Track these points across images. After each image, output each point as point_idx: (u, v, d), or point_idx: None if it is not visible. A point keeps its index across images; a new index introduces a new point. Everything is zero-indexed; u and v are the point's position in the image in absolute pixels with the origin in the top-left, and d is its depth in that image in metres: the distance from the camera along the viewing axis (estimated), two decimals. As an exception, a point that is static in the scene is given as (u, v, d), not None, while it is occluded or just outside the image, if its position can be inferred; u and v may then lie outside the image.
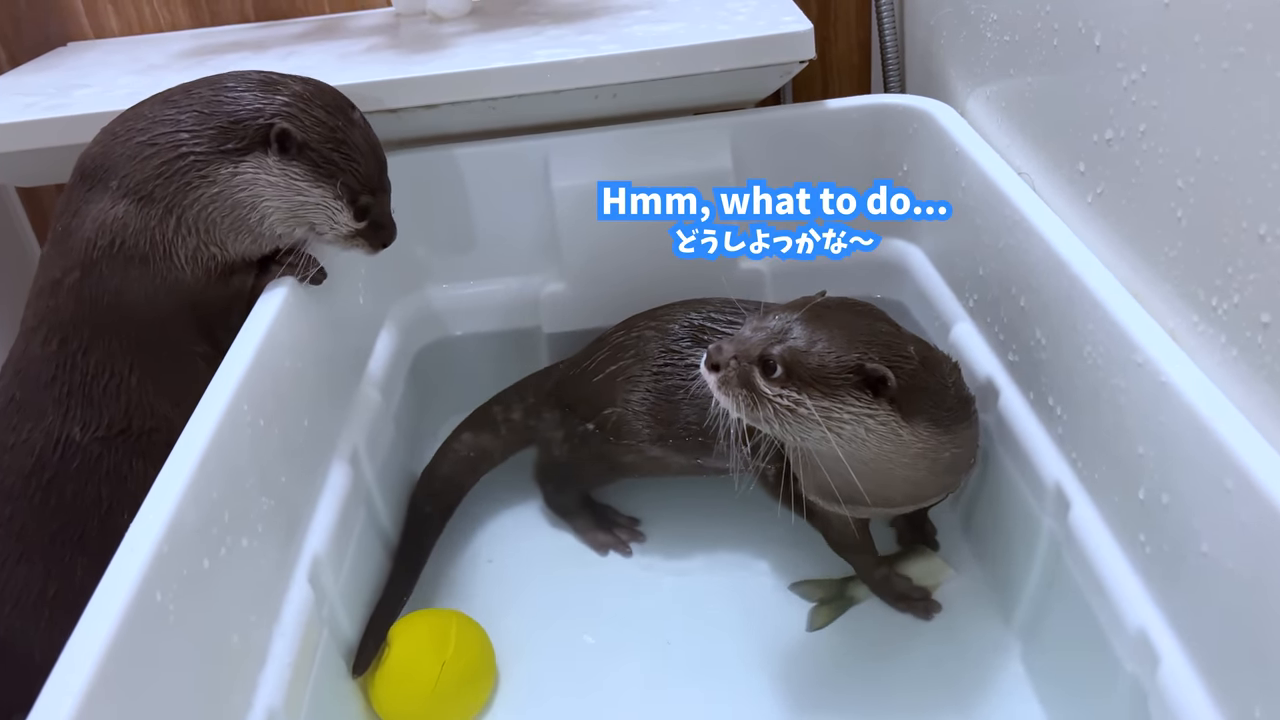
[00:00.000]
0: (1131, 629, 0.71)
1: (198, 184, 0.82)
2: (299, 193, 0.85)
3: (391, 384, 1.10)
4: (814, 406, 0.77)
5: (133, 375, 0.84)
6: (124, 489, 0.85)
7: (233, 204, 0.83)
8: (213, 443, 0.70)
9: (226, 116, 0.82)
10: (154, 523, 0.63)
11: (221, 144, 0.82)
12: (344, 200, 0.86)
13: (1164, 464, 0.67)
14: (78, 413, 0.84)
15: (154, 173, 0.82)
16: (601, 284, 1.17)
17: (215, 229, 0.84)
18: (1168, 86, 0.68)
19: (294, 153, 0.83)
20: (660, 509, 1.10)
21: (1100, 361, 0.75)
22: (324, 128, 0.84)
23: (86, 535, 0.84)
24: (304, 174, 0.84)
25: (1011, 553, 0.92)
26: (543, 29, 1.17)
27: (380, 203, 0.89)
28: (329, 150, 0.84)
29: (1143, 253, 0.74)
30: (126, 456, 0.85)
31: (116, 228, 0.82)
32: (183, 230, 0.83)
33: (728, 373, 0.79)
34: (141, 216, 0.82)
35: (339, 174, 0.85)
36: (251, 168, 0.82)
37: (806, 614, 0.97)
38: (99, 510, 0.84)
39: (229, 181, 0.83)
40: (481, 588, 1.03)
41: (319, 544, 0.85)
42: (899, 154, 1.13)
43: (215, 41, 1.31)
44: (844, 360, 0.77)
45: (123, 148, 0.83)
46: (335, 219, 0.86)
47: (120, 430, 0.85)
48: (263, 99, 0.83)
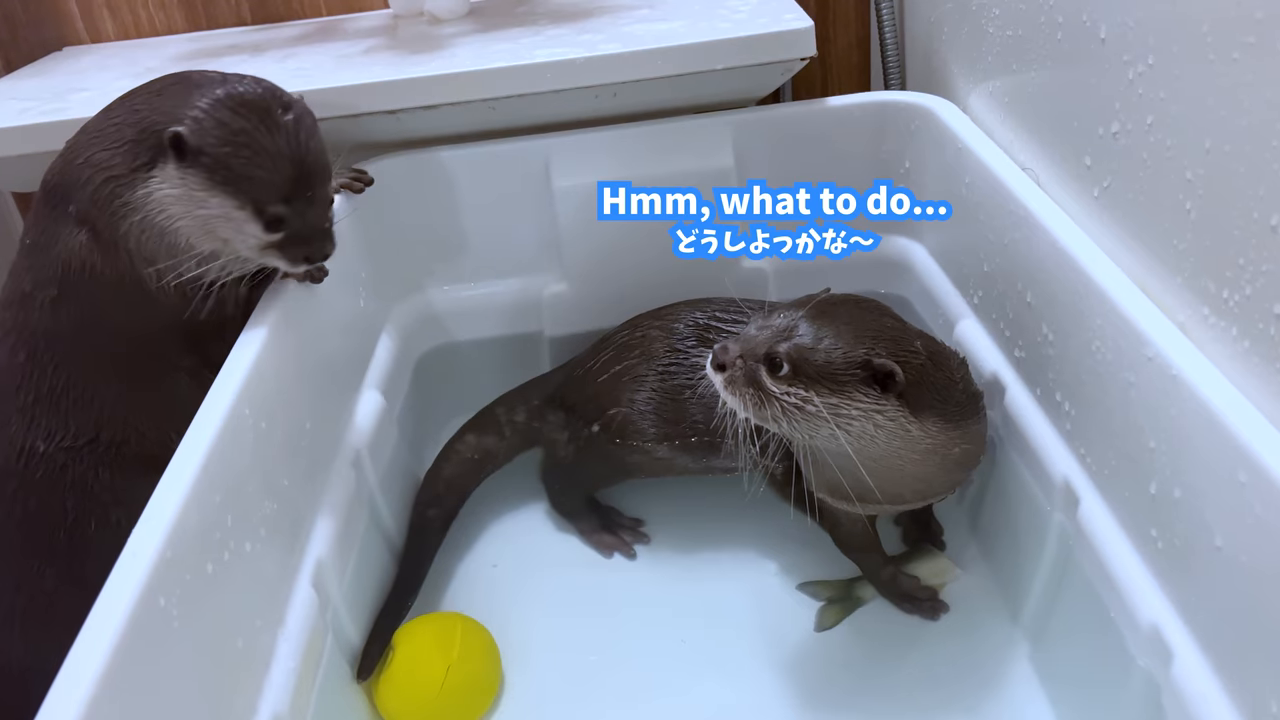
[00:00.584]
0: (1144, 624, 0.70)
1: (122, 213, 0.76)
2: (198, 204, 0.75)
3: (394, 387, 1.10)
4: (821, 403, 0.76)
5: (108, 389, 0.81)
6: (92, 500, 0.82)
7: (158, 230, 0.76)
8: (215, 446, 0.70)
9: (139, 128, 0.75)
10: (157, 527, 0.62)
11: (133, 160, 0.75)
12: (249, 210, 0.76)
13: (1176, 458, 0.67)
14: (43, 422, 0.81)
15: (89, 201, 0.76)
16: (604, 285, 1.16)
17: (156, 254, 0.77)
18: (1176, 78, 0.68)
19: (190, 160, 0.74)
20: (664, 510, 1.09)
21: (1109, 356, 0.74)
22: (224, 130, 0.74)
23: (55, 546, 0.82)
24: (200, 182, 0.75)
25: (1019, 550, 0.91)
26: (542, 29, 1.17)
27: (300, 214, 0.78)
28: (227, 155, 0.74)
29: (1151, 246, 0.74)
30: (93, 467, 0.82)
31: (84, 254, 0.77)
32: (136, 261, 0.77)
33: (734, 372, 0.78)
34: (100, 246, 0.77)
35: (238, 181, 0.75)
36: (158, 182, 0.75)
37: (814, 614, 0.96)
38: (65, 521, 0.82)
39: (143, 203, 0.76)
40: (486, 591, 1.02)
41: (323, 548, 0.84)
42: (901, 151, 1.13)
43: (212, 45, 1.30)
44: (851, 356, 0.77)
45: (72, 170, 0.77)
46: (242, 231, 0.77)
47: (88, 441, 0.82)
48: (180, 103, 0.74)
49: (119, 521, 0.81)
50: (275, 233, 0.77)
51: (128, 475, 0.83)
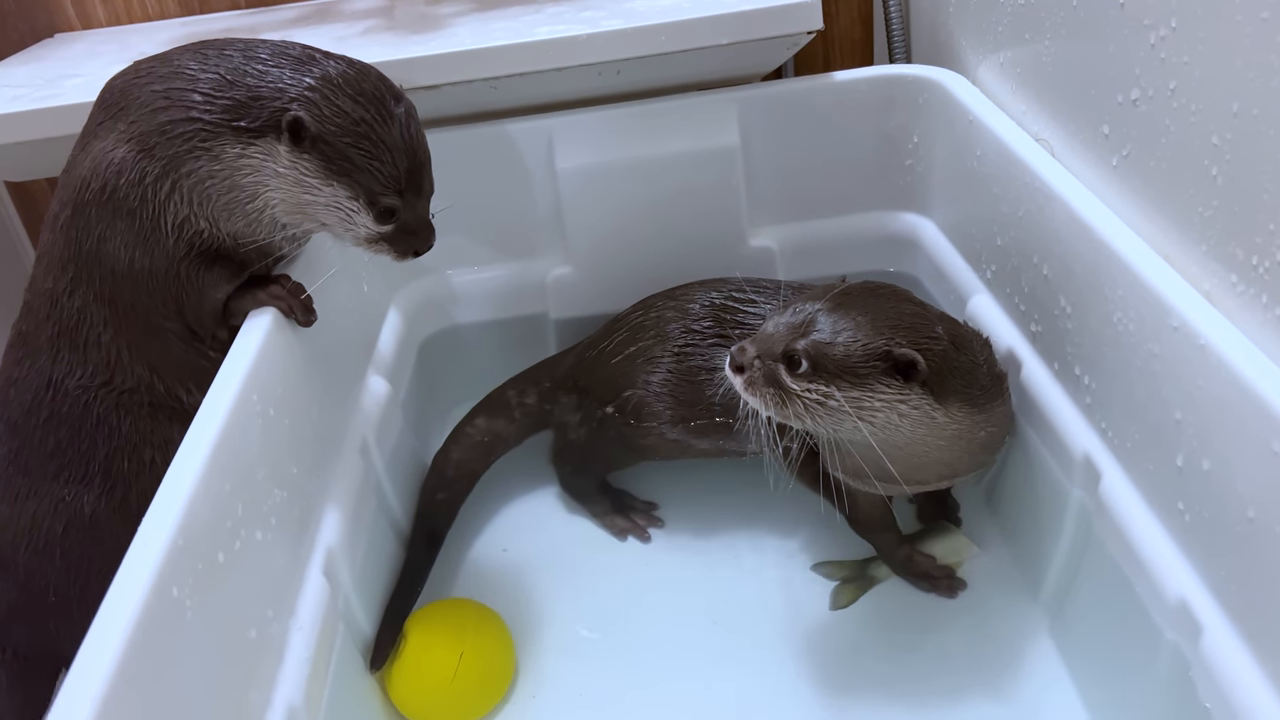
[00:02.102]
0: (1171, 599, 0.69)
1: (199, 154, 0.74)
2: (307, 190, 0.75)
3: (398, 372, 1.08)
4: (844, 398, 0.75)
5: (107, 330, 0.80)
6: (120, 438, 0.83)
7: (231, 185, 0.76)
8: (223, 434, 0.68)
9: (246, 90, 0.74)
10: (167, 516, 0.60)
11: (234, 119, 0.74)
12: (361, 201, 0.76)
13: (1203, 429, 0.65)
14: (65, 356, 0.81)
15: (158, 127, 0.74)
16: (609, 267, 1.15)
17: (209, 204, 0.76)
18: (1200, 41, 0.66)
19: (306, 145, 0.74)
20: (677, 492, 1.08)
21: (1132, 328, 0.73)
22: (346, 119, 0.74)
23: (90, 475, 0.83)
24: (315, 169, 0.74)
25: (1038, 527, 0.90)
26: (542, 6, 1.15)
27: (411, 206, 0.78)
28: (347, 145, 0.74)
29: (1174, 214, 0.72)
30: (112, 409, 0.82)
31: (110, 173, 0.75)
32: (175, 196, 0.76)
33: (753, 373, 0.77)
34: (137, 169, 0.75)
35: (355, 172, 0.75)
36: (260, 153, 0.74)
37: (829, 594, 0.95)
38: (98, 455, 0.83)
39: (233, 162, 0.75)
40: (497, 576, 1.01)
41: (332, 536, 0.83)
42: (909, 125, 1.11)
43: (206, 29, 1.28)
44: (870, 347, 0.76)
45: (141, 91, 0.76)
46: (352, 220, 0.77)
47: (103, 382, 0.82)
48: (289, 78, 0.74)
49: (153, 460, 0.83)
50: (386, 224, 0.78)
51: (151, 420, 0.83)
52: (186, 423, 0.83)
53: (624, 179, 1.11)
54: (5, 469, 0.85)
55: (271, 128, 0.74)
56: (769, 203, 1.15)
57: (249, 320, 0.80)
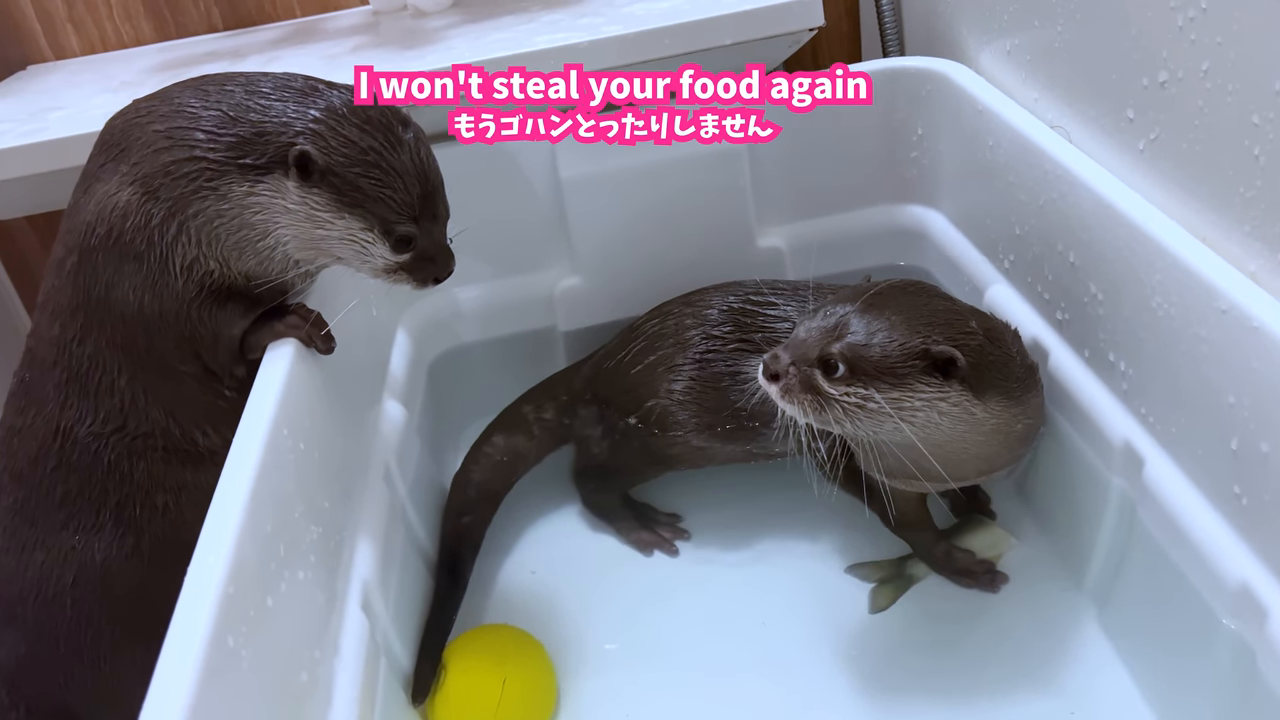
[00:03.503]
0: (1231, 584, 0.69)
1: (205, 194, 0.72)
2: (319, 224, 0.73)
3: (411, 395, 1.06)
4: (883, 399, 0.74)
5: (121, 375, 0.78)
6: (132, 485, 0.80)
7: (240, 224, 0.74)
8: (260, 472, 0.66)
9: (251, 126, 0.72)
10: (216, 564, 0.58)
11: (239, 156, 0.72)
12: (375, 231, 0.74)
13: (1262, 412, 0.65)
14: (75, 403, 0.78)
15: (162, 168, 0.72)
16: (617, 275, 1.13)
17: (218, 244, 0.74)
18: (1235, 21, 0.66)
19: (315, 178, 0.72)
20: (699, 502, 1.06)
21: (1174, 312, 0.73)
22: (353, 149, 0.72)
23: (100, 523, 0.80)
24: (326, 203, 0.72)
25: (1078, 516, 0.89)
26: (535, 15, 1.13)
27: (428, 233, 0.77)
28: (357, 176, 0.72)
29: (1211, 196, 0.72)
30: (125, 456, 0.79)
31: (115, 217, 0.73)
32: (183, 238, 0.73)
33: (789, 381, 0.76)
34: (143, 212, 0.73)
35: (368, 203, 0.73)
36: (269, 190, 0.72)
37: (866, 596, 0.94)
38: (108, 502, 0.80)
39: (241, 201, 0.73)
40: (528, 598, 0.99)
41: (366, 569, 0.81)
42: (912, 118, 1.10)
43: (188, 53, 1.25)
44: (908, 346, 0.75)
45: (142, 131, 0.73)
46: (368, 252, 0.75)
47: (116, 429, 0.79)
48: (294, 111, 0.72)
49: (166, 505, 0.80)
50: (404, 253, 0.76)
51: (165, 465, 0.81)
52: (201, 466, 0.81)
53: (629, 185, 1.10)
54: (10, 520, 0.81)
55: (278, 163, 0.72)
56: (776, 202, 1.14)
57: (269, 353, 0.78)
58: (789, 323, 0.94)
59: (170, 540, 0.81)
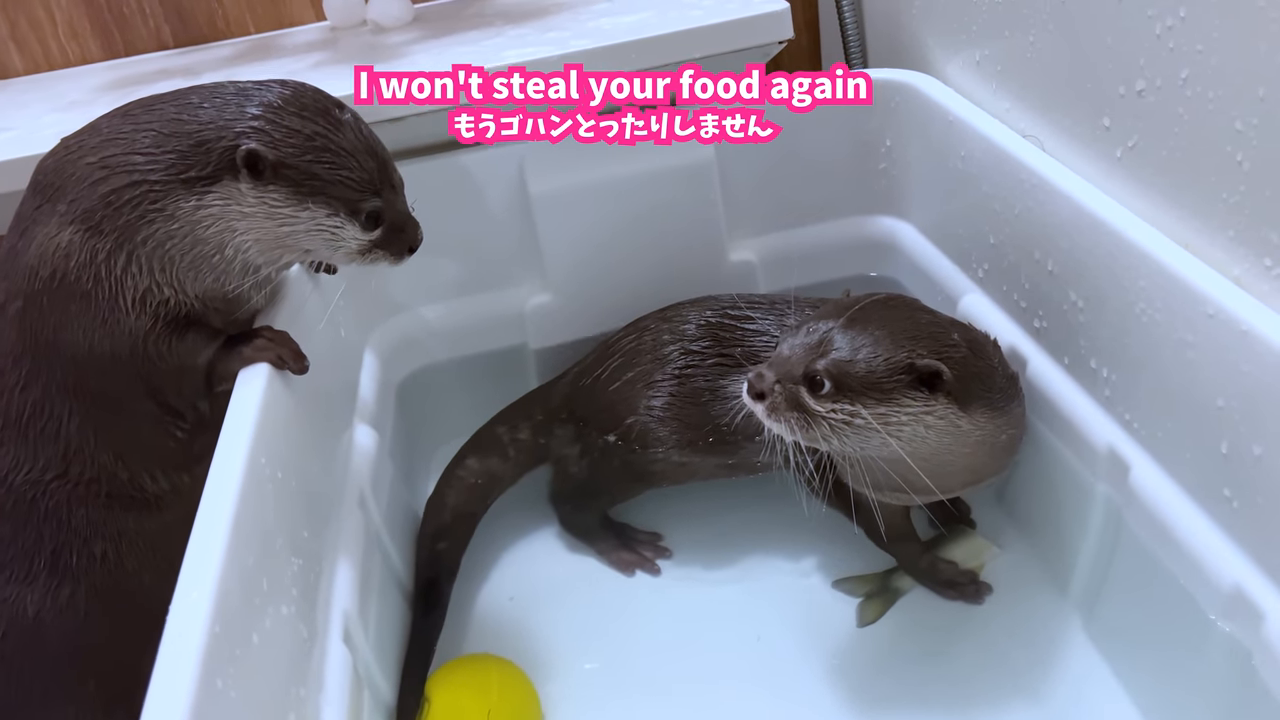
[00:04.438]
0: (1224, 587, 0.69)
1: (152, 217, 0.70)
2: (282, 221, 0.72)
3: (381, 418, 1.03)
4: (870, 415, 0.74)
5: (71, 420, 0.74)
6: (70, 532, 0.76)
7: (193, 241, 0.71)
8: (241, 503, 0.63)
9: (187, 138, 0.70)
10: (201, 601, 0.55)
11: (181, 171, 0.69)
12: (342, 215, 0.73)
13: (1253, 414, 0.65)
14: (10, 450, 0.75)
15: (101, 200, 0.70)
16: (589, 291, 1.12)
17: (172, 268, 0.72)
18: (1215, 28, 0.66)
19: (268, 175, 0.70)
20: (679, 519, 1.05)
21: (1159, 318, 0.73)
22: (299, 137, 0.70)
23: (33, 573, 0.76)
24: (285, 197, 0.71)
25: (1059, 522, 0.90)
26: (501, 30, 1.11)
27: (391, 204, 0.76)
28: (309, 163, 0.71)
29: (1192, 202, 0.73)
30: (64, 502, 0.76)
31: (58, 258, 0.70)
32: (132, 268, 0.71)
33: (775, 399, 0.75)
34: (87, 249, 0.70)
35: (327, 187, 0.72)
36: (219, 199, 0.70)
37: (854, 610, 0.93)
38: (43, 550, 0.76)
39: (191, 217, 0.70)
40: (509, 625, 0.96)
41: (346, 600, 0.78)
42: (881, 130, 1.10)
43: (139, 71, 1.21)
44: (893, 361, 0.74)
45: (74, 166, 0.71)
46: (339, 237, 0.74)
47: (56, 475, 0.75)
48: (228, 114, 0.70)
49: (105, 554, 0.77)
50: (373, 230, 0.75)
51: (106, 511, 0.77)
52: (144, 511, 0.78)
53: (600, 200, 1.08)
54: None
55: (225, 169, 0.70)
56: (747, 215, 1.13)
57: (241, 378, 0.75)
58: (767, 337, 0.93)
59: (109, 591, 0.78)
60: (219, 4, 1.30)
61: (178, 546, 0.60)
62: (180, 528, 0.61)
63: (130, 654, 0.62)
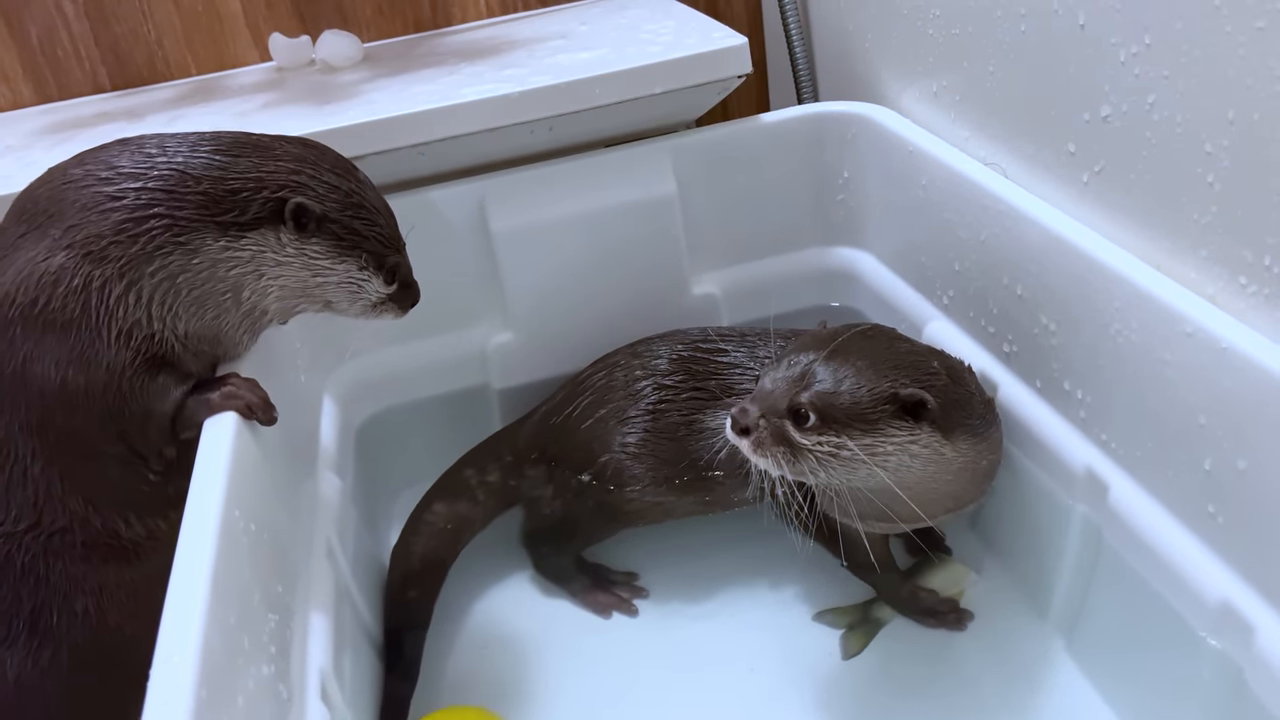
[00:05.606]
0: (1212, 602, 0.69)
1: (169, 250, 0.70)
2: (318, 272, 0.74)
3: (343, 464, 1.00)
4: (856, 446, 0.73)
5: (36, 462, 0.71)
6: (49, 589, 0.73)
7: (209, 278, 0.72)
8: (218, 558, 0.60)
9: (215, 183, 0.71)
10: (184, 665, 0.52)
11: (216, 213, 0.70)
12: (370, 269, 0.76)
13: (1236, 430, 0.66)
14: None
15: (113, 229, 0.69)
16: (552, 329, 1.10)
17: (173, 300, 0.71)
18: (1183, 54, 0.68)
19: (313, 228, 0.73)
20: (654, 558, 1.03)
21: (1134, 338, 0.74)
22: (339, 194, 0.74)
23: (13, 635, 0.73)
24: (326, 250, 0.74)
25: (1036, 545, 0.90)
26: (455, 68, 1.10)
27: (405, 260, 0.80)
28: (350, 219, 0.74)
29: (1162, 224, 0.74)
30: (40, 556, 0.73)
31: (44, 284, 0.68)
32: (128, 298, 0.69)
33: (760, 434, 0.74)
34: (81, 276, 0.68)
35: (364, 243, 0.75)
36: (253, 245, 0.72)
37: (836, 643, 0.92)
38: (21, 610, 0.73)
39: (216, 256, 0.71)
40: (486, 675, 0.93)
41: (321, 656, 0.75)
42: (838, 162, 1.11)
43: (78, 114, 1.17)
44: (877, 391, 0.74)
45: (78, 194, 0.69)
46: (363, 290, 0.77)
47: (28, 526, 0.72)
48: (263, 166, 0.72)
49: (86, 610, 0.74)
50: (392, 284, 0.79)
51: (84, 564, 0.74)
52: (124, 562, 0.75)
53: (561, 237, 1.07)
54: None
55: (267, 218, 0.72)
56: (708, 249, 1.13)
57: (207, 427, 0.72)
58: (741, 369, 0.93)
59: (91, 649, 0.74)
60: (158, 45, 1.27)
61: (159, 598, 0.57)
62: (162, 577, 0.59)
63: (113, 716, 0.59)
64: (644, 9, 1.23)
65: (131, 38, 1.26)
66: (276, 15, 1.28)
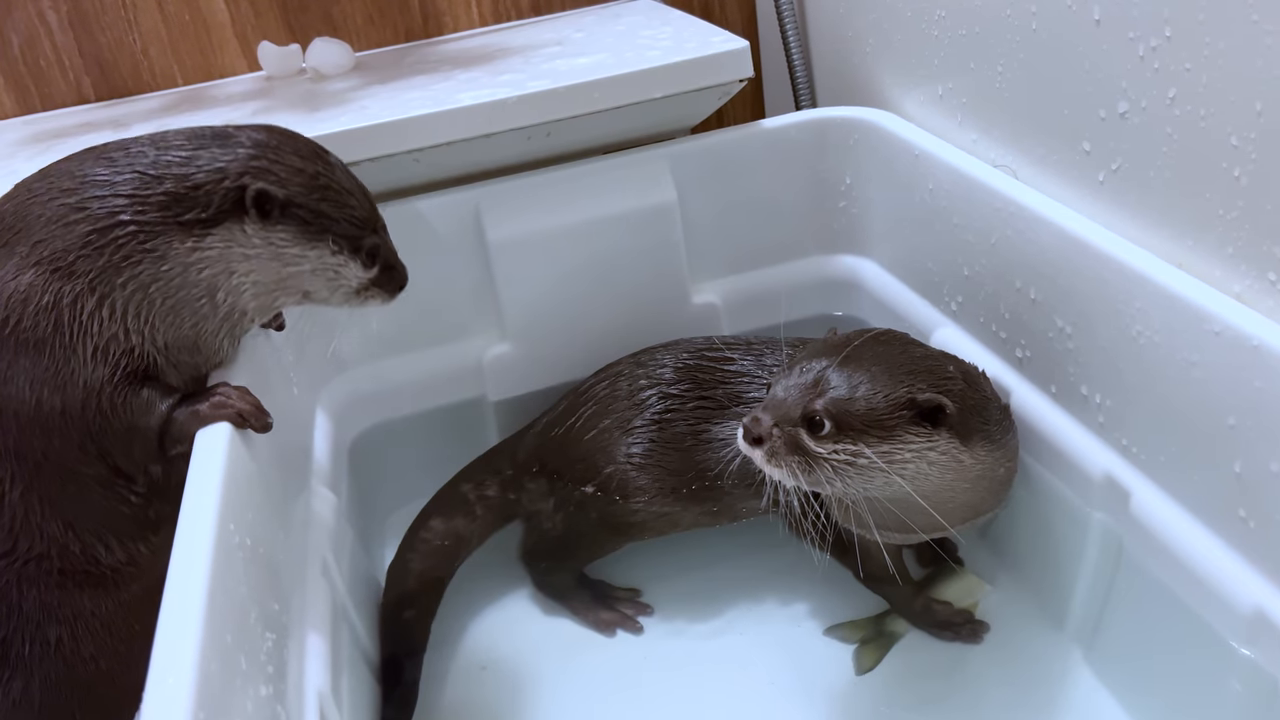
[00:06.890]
0: (1245, 611, 0.67)
1: (138, 258, 0.67)
2: (289, 261, 0.71)
3: (336, 480, 0.97)
4: (874, 454, 0.71)
5: (14, 488, 0.68)
6: (21, 617, 0.71)
7: (182, 284, 0.68)
8: (213, 575, 0.57)
9: (179, 180, 0.67)
10: (181, 687, 0.49)
11: (178, 213, 0.67)
12: (345, 253, 0.72)
13: (1269, 431, 0.64)
14: None
15: (79, 242, 0.66)
16: (550, 340, 1.08)
17: (148, 311, 0.69)
18: (1205, 46, 0.66)
19: (276, 214, 0.69)
20: (658, 573, 1.00)
21: (1157, 339, 0.72)
22: (303, 176, 0.70)
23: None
24: (293, 237, 0.70)
25: (1052, 555, 0.88)
26: (450, 74, 1.08)
27: (384, 240, 0.76)
28: (317, 201, 0.70)
29: (1186, 221, 0.72)
30: (14, 584, 0.70)
31: (15, 303, 0.66)
32: (101, 313, 0.67)
33: (774, 443, 0.72)
34: (51, 292, 0.66)
35: (334, 225, 0.71)
36: (220, 242, 0.68)
37: (849, 658, 0.89)
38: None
39: (185, 259, 0.68)
40: (486, 698, 0.90)
41: (319, 677, 0.72)
42: (840, 167, 1.10)
43: (61, 125, 1.14)
44: (894, 397, 0.72)
45: (42, 208, 0.67)
46: (341, 275, 0.73)
47: (3, 553, 0.69)
48: (223, 156, 0.68)
49: (60, 640, 0.71)
50: (372, 268, 0.75)
51: (59, 591, 0.71)
52: (101, 589, 0.71)
53: (559, 245, 1.05)
54: None
55: (229, 211, 0.68)
56: (709, 257, 1.11)
57: (199, 439, 0.69)
58: (749, 378, 0.90)
59: (65, 681, 0.71)
60: (144, 55, 1.24)
61: (137, 627, 0.54)
62: (140, 606, 0.56)
63: None
64: (640, 15, 1.21)
65: (116, 47, 1.23)
66: (265, 24, 1.25)
